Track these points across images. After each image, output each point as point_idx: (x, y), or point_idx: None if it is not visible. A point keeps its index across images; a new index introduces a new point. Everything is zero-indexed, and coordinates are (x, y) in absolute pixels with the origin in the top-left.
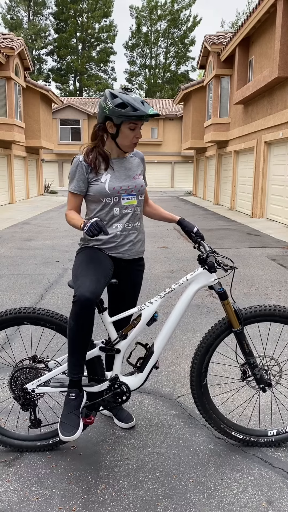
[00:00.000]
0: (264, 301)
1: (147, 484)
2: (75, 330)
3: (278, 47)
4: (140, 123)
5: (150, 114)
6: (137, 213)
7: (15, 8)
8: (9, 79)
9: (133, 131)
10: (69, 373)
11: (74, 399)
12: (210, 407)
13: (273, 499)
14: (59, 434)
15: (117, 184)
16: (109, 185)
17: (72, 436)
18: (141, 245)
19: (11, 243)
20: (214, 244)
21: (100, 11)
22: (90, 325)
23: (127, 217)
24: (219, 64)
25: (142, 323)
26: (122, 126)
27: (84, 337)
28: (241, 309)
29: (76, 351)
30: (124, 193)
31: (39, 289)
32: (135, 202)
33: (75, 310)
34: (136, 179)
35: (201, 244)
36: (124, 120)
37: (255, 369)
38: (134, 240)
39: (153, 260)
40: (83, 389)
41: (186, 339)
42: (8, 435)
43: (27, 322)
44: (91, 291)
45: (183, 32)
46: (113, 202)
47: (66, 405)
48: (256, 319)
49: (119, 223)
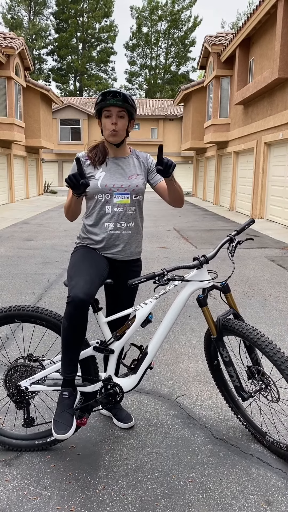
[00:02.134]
0: (263, 302)
1: (146, 484)
2: (68, 330)
3: (278, 48)
4: (114, 110)
5: (107, 92)
6: (131, 213)
7: (16, 7)
8: (9, 79)
9: (109, 119)
10: (63, 372)
11: (67, 398)
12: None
13: (272, 499)
14: (53, 432)
15: (110, 182)
16: (101, 182)
17: (65, 435)
18: (137, 246)
19: (10, 242)
20: (214, 244)
21: (100, 11)
22: (84, 325)
23: (118, 216)
24: (219, 65)
25: (136, 324)
26: (102, 119)
27: (77, 337)
28: (221, 319)
29: (70, 350)
30: (117, 191)
31: (39, 288)
32: (128, 201)
33: (69, 310)
34: (132, 179)
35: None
36: (100, 110)
37: (232, 378)
38: (128, 241)
39: (152, 261)
40: (76, 388)
41: (185, 340)
42: (5, 435)
43: (17, 320)
44: (84, 292)
45: (183, 33)
46: (105, 199)
47: (60, 403)
48: (231, 332)
49: (110, 222)
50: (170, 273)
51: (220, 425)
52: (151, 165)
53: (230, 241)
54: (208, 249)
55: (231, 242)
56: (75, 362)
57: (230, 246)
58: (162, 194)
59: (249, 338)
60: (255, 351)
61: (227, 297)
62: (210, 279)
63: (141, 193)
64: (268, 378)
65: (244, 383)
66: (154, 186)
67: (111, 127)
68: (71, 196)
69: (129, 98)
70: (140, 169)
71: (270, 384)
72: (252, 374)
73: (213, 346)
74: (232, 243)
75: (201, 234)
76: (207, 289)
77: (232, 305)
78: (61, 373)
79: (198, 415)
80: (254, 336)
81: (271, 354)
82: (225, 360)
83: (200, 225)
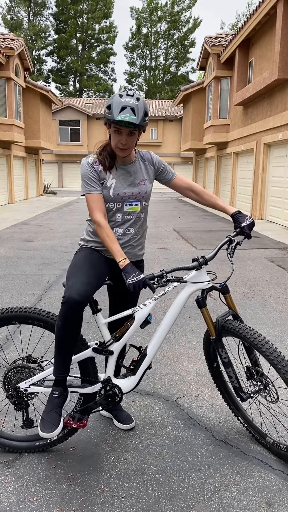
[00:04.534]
0: (263, 303)
1: (147, 485)
2: (62, 330)
3: (278, 49)
4: (125, 130)
5: (118, 120)
6: (140, 219)
7: (16, 8)
8: (9, 80)
9: (118, 135)
10: (54, 372)
11: (57, 397)
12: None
13: (273, 501)
14: (39, 430)
15: (121, 190)
16: (113, 191)
17: (50, 433)
18: (141, 249)
19: (10, 243)
20: (213, 245)
21: (100, 12)
22: (78, 326)
23: (129, 223)
24: (219, 66)
25: (135, 325)
26: (110, 128)
27: (71, 338)
28: (220, 320)
29: (62, 350)
30: (128, 199)
31: (38, 289)
32: (138, 208)
33: (64, 310)
34: (141, 185)
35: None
36: (108, 122)
37: (231, 379)
38: (133, 244)
39: (152, 261)
40: (67, 389)
41: (186, 340)
42: (5, 437)
43: (15, 321)
44: (79, 293)
45: (183, 34)
46: (116, 208)
47: (49, 402)
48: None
49: (119, 228)
50: (169, 274)
51: (220, 426)
52: (158, 165)
53: (230, 242)
54: (208, 250)
55: (230, 243)
56: (67, 362)
57: (230, 247)
58: (180, 191)
59: (246, 338)
60: (254, 352)
61: (226, 298)
62: (209, 280)
63: (149, 198)
64: (267, 379)
65: (244, 384)
66: (168, 183)
67: (119, 145)
68: (112, 251)
69: (145, 115)
70: (147, 173)
71: (269, 384)
72: (251, 374)
73: (212, 347)
74: (231, 244)
75: (201, 235)
76: (206, 290)
77: (231, 306)
78: (53, 373)
79: (199, 416)
80: (251, 336)
81: (267, 353)
82: (224, 361)
83: (199, 226)
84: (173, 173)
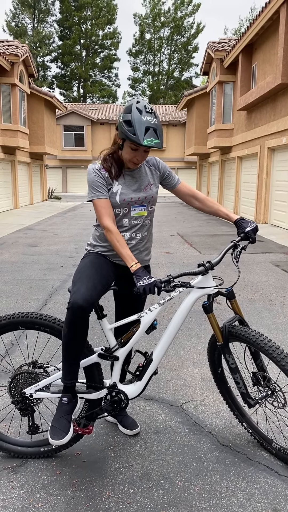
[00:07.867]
0: (268, 307)
1: (152, 491)
2: (69, 336)
3: (281, 54)
4: (142, 148)
5: (145, 145)
6: (146, 224)
7: (20, 15)
8: (13, 86)
9: (134, 151)
10: (63, 379)
11: (66, 404)
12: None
13: (279, 507)
14: (49, 438)
15: (128, 196)
16: (119, 197)
17: (60, 440)
18: (147, 254)
19: (15, 248)
20: (218, 250)
21: (104, 18)
22: (84, 332)
23: (135, 228)
24: (222, 71)
25: (141, 330)
26: (126, 142)
27: (78, 343)
28: (227, 325)
29: (70, 357)
30: (134, 204)
31: (43, 294)
32: (145, 213)
33: (69, 316)
34: (148, 189)
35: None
36: (125, 138)
37: (238, 385)
38: (140, 249)
39: (156, 266)
40: (76, 395)
41: (191, 345)
42: (11, 442)
43: (21, 327)
44: (84, 298)
45: (186, 39)
46: (123, 213)
47: (58, 409)
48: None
49: (126, 233)
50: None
51: (226, 431)
52: (164, 170)
53: (234, 247)
54: (213, 254)
55: (235, 248)
56: (76, 368)
57: (235, 252)
58: (183, 198)
59: (255, 344)
60: (260, 357)
61: (232, 303)
62: (215, 285)
63: (155, 202)
64: (274, 384)
65: (250, 389)
66: (172, 189)
67: (134, 160)
68: (123, 256)
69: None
70: (152, 178)
71: (276, 390)
72: (257, 380)
73: (217, 353)
74: (236, 249)
75: (205, 239)
76: (212, 296)
77: (237, 311)
78: (61, 380)
79: (204, 422)
80: (260, 341)
81: (278, 359)
82: (231, 367)
83: (204, 230)
84: (178, 179)
